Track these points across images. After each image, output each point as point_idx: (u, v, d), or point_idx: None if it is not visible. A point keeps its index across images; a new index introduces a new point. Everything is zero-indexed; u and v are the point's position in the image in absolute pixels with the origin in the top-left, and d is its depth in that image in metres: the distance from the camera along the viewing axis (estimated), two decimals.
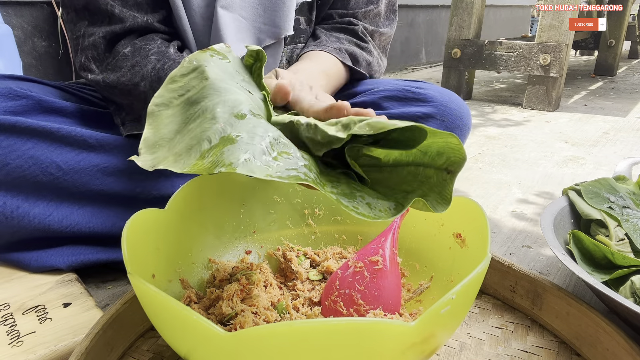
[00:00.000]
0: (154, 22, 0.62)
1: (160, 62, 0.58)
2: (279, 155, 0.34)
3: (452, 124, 0.70)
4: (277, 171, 0.32)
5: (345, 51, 0.72)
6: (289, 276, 0.53)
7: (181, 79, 0.39)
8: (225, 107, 0.35)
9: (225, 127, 0.33)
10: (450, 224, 0.50)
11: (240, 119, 0.35)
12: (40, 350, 0.45)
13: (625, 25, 2.76)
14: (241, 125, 0.34)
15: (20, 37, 1.45)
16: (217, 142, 0.33)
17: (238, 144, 0.32)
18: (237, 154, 0.32)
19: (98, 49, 0.60)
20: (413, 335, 0.32)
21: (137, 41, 0.60)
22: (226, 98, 0.36)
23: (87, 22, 0.60)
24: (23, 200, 0.56)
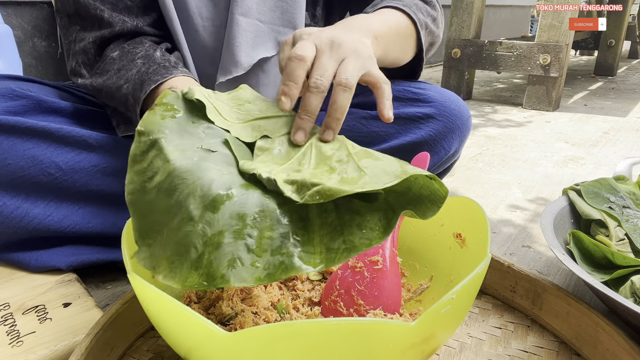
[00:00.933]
0: (144, 26, 0.62)
1: (145, 65, 0.57)
2: (262, 241, 0.35)
3: (452, 124, 0.70)
4: (265, 268, 0.34)
5: (412, 5, 0.62)
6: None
7: (143, 158, 0.38)
8: (196, 199, 0.35)
9: (204, 228, 0.34)
10: (450, 224, 0.50)
11: (215, 211, 0.34)
12: (40, 350, 0.45)
13: (625, 25, 2.76)
14: (218, 220, 0.34)
15: (20, 37, 1.45)
16: (203, 250, 0.34)
17: (222, 249, 0.34)
18: (224, 263, 0.33)
19: (88, 54, 0.60)
20: (413, 335, 0.32)
21: (125, 45, 0.60)
22: (195, 186, 0.35)
23: (79, 27, 0.60)
24: (23, 200, 0.56)
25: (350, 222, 0.37)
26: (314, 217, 0.37)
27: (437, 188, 0.39)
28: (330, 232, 0.36)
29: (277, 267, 0.34)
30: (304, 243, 0.36)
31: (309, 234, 0.36)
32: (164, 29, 0.65)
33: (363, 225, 0.36)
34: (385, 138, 0.69)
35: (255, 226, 0.35)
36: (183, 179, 0.36)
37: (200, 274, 0.33)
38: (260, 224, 0.35)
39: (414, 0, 0.66)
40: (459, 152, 0.77)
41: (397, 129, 0.69)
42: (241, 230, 0.34)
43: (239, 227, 0.34)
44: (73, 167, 0.58)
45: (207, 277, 0.33)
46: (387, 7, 0.62)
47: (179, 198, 0.35)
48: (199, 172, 0.36)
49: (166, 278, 0.34)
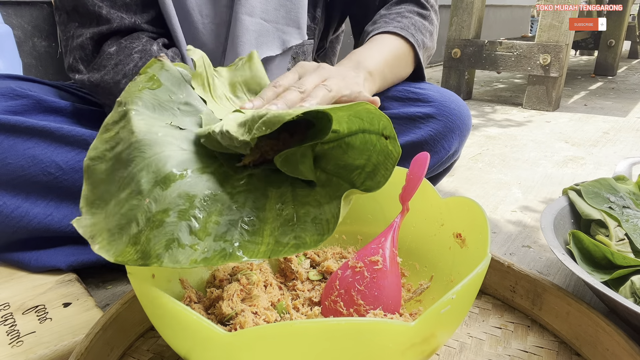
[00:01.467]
0: (142, 23, 0.62)
1: (142, 60, 0.58)
2: (208, 224, 0.34)
3: (452, 124, 0.70)
4: (204, 252, 0.33)
5: (410, 27, 0.66)
6: (289, 276, 0.53)
7: (113, 128, 0.37)
8: (149, 174, 0.34)
9: (150, 204, 0.33)
10: (450, 224, 0.50)
11: (165, 188, 0.34)
12: (40, 350, 0.45)
13: (625, 25, 2.76)
14: (166, 197, 0.34)
15: (20, 37, 1.45)
16: (144, 226, 0.33)
17: (163, 227, 0.33)
18: (162, 242, 0.33)
19: (86, 50, 0.61)
20: (413, 335, 0.32)
21: (122, 40, 0.60)
22: (150, 160, 0.35)
23: (77, 24, 0.61)
24: (23, 199, 0.56)
25: (305, 217, 0.37)
26: (270, 208, 0.37)
27: (391, 150, 0.39)
28: (283, 225, 0.36)
29: (218, 252, 0.34)
30: (253, 233, 0.35)
31: (260, 224, 0.36)
32: (162, 26, 0.65)
33: (318, 219, 0.37)
34: None
35: (204, 209, 0.35)
36: (141, 152, 0.35)
37: (137, 250, 0.33)
38: (210, 207, 0.35)
39: (412, 18, 0.68)
40: (459, 152, 0.77)
41: (397, 128, 0.69)
42: (187, 210, 0.34)
43: (185, 207, 0.34)
44: (73, 167, 0.58)
45: (142, 254, 0.33)
46: (385, 32, 0.65)
47: (133, 170, 0.34)
48: (158, 147, 0.35)
49: (101, 250, 0.33)
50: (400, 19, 0.67)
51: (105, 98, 0.61)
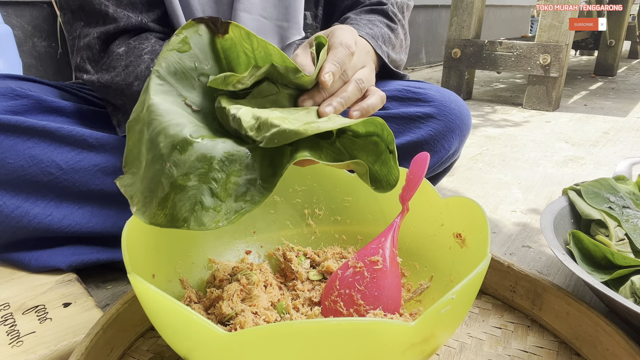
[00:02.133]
0: (148, 22, 0.62)
1: (153, 61, 0.58)
2: (228, 186, 0.35)
3: (452, 124, 0.70)
4: (226, 213, 0.35)
5: (378, 37, 0.67)
6: (289, 276, 0.53)
7: (144, 91, 0.38)
8: (166, 138, 0.35)
9: (171, 168, 0.34)
10: (450, 224, 0.50)
11: (183, 152, 0.35)
12: (40, 350, 0.45)
13: (625, 25, 2.76)
14: (185, 162, 0.35)
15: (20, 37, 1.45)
16: (169, 190, 0.34)
17: (186, 192, 0.34)
18: (186, 205, 0.34)
19: (93, 50, 0.60)
20: (413, 335, 0.32)
21: (131, 41, 0.60)
22: (167, 125, 0.35)
23: (83, 23, 0.60)
24: (23, 199, 0.56)
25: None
26: (287, 165, 0.37)
27: (392, 165, 0.40)
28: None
29: (239, 212, 0.35)
30: (271, 190, 0.36)
31: (277, 181, 0.37)
32: (168, 25, 0.65)
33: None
34: None
35: (222, 169, 0.35)
36: (158, 114, 0.36)
37: (165, 214, 0.34)
38: (228, 167, 0.36)
39: (382, 28, 0.69)
40: (459, 152, 0.77)
41: (397, 128, 0.69)
42: (207, 173, 0.35)
43: (205, 170, 0.35)
44: (73, 167, 0.58)
45: (170, 217, 0.34)
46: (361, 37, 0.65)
47: (152, 133, 0.35)
48: (173, 115, 0.36)
49: (138, 212, 0.35)
50: (371, 26, 0.68)
51: (117, 99, 0.61)
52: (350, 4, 0.75)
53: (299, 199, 0.59)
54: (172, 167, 0.34)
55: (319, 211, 0.60)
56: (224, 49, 0.41)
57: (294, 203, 0.59)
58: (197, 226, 0.34)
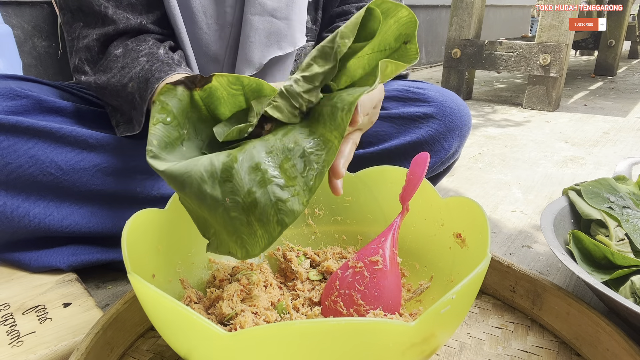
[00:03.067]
0: (148, 24, 0.62)
1: (149, 63, 0.57)
2: (287, 172, 0.37)
3: (452, 124, 0.70)
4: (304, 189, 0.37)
5: None
6: (289, 276, 0.53)
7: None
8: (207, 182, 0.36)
9: (232, 199, 0.36)
10: (450, 224, 0.50)
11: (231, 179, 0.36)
12: (40, 350, 0.45)
13: (625, 25, 2.76)
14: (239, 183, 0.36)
15: (20, 37, 1.45)
16: (245, 216, 0.36)
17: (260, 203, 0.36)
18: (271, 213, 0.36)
19: (92, 51, 0.60)
20: (413, 335, 0.32)
21: (129, 42, 0.60)
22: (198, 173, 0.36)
23: (82, 24, 0.60)
24: (23, 200, 0.56)
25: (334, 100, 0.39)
26: (317, 120, 0.39)
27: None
28: (329, 115, 0.38)
29: (314, 179, 0.36)
30: (324, 148, 0.37)
31: (323, 136, 0.38)
32: (167, 27, 0.65)
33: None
34: (386, 138, 0.69)
35: (273, 165, 0.36)
36: (180, 174, 0.36)
37: (261, 235, 0.36)
38: (276, 160, 0.37)
39: None
40: (459, 152, 0.77)
41: (397, 128, 0.69)
42: (264, 177, 0.36)
43: (260, 176, 0.36)
44: (73, 167, 0.58)
45: (268, 233, 0.36)
46: None
47: (193, 190, 0.36)
48: (189, 164, 0.37)
49: (247, 257, 0.37)
50: None
51: (113, 100, 0.61)
52: (340, 12, 0.76)
53: None
54: (232, 197, 0.35)
55: (319, 211, 0.60)
56: (203, 97, 0.42)
57: None
58: (292, 217, 0.35)
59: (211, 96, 0.42)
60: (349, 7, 0.75)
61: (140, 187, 0.62)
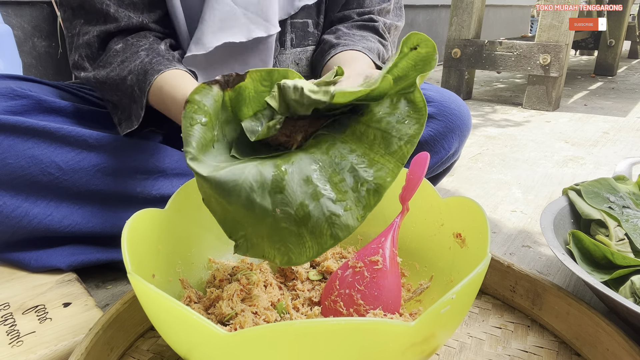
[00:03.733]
0: (149, 23, 0.62)
1: (148, 56, 0.57)
2: (338, 186, 0.37)
3: (452, 124, 0.70)
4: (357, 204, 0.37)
5: (374, 50, 0.70)
6: (289, 276, 0.53)
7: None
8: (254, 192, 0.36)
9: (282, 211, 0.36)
10: (450, 224, 0.50)
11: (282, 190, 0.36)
12: (40, 350, 0.45)
13: (625, 25, 2.76)
14: (291, 195, 0.36)
15: (20, 37, 1.45)
16: (296, 227, 0.37)
17: (313, 216, 0.36)
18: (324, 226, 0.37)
19: (92, 48, 0.60)
20: (413, 335, 0.32)
21: (129, 38, 0.60)
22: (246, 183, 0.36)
23: (83, 21, 0.60)
24: (23, 199, 0.56)
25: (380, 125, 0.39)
26: (358, 139, 0.38)
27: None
28: (379, 139, 0.38)
29: (368, 196, 0.36)
30: (372, 164, 0.38)
31: (367, 155, 0.38)
32: (169, 27, 0.65)
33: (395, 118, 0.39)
34: None
35: (324, 179, 0.37)
36: (226, 182, 0.36)
37: (310, 247, 0.36)
38: (325, 174, 0.37)
39: (375, 43, 0.71)
40: (459, 152, 0.77)
41: None
42: (315, 190, 0.36)
43: (313, 190, 0.36)
44: (73, 167, 0.58)
45: (319, 246, 0.36)
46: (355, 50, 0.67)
47: (241, 199, 0.36)
48: (236, 171, 0.37)
49: (289, 263, 0.37)
50: (365, 41, 0.70)
51: (113, 95, 0.61)
52: (340, 17, 0.75)
53: None
54: (283, 209, 0.36)
55: None
56: (232, 98, 0.42)
57: None
58: (347, 232, 0.36)
59: (238, 96, 0.42)
60: (349, 12, 0.75)
61: (140, 187, 0.62)
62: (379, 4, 0.76)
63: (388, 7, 0.77)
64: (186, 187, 0.50)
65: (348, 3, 0.75)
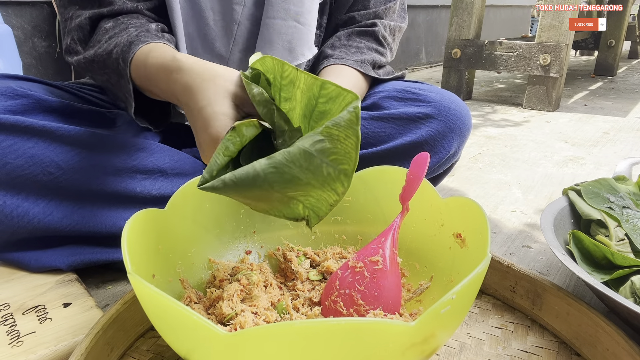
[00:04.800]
0: (144, 9, 0.62)
1: (137, 31, 0.56)
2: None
3: (452, 124, 0.70)
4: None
5: (367, 62, 0.71)
6: (289, 276, 0.53)
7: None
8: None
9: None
10: (450, 224, 0.50)
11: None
12: (40, 350, 0.45)
13: (625, 25, 2.76)
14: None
15: (20, 37, 1.45)
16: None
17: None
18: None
19: (84, 30, 0.60)
20: (413, 335, 0.32)
21: (120, 17, 0.60)
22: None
23: (78, 6, 0.60)
24: (23, 199, 0.56)
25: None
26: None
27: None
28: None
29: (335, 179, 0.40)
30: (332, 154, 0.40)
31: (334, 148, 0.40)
32: (164, 17, 0.64)
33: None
34: (385, 139, 0.69)
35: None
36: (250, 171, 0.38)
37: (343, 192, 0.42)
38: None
39: (371, 54, 0.72)
40: (459, 153, 0.77)
41: (397, 129, 0.69)
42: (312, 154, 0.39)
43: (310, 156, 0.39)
44: (73, 167, 0.58)
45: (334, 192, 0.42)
46: (346, 65, 0.68)
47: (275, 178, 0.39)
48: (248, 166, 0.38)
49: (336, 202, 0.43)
50: (359, 54, 0.71)
51: (102, 74, 0.60)
52: (345, 19, 0.76)
53: None
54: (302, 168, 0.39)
55: None
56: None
57: None
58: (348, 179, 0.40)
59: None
60: (354, 15, 0.75)
61: (140, 187, 0.62)
62: (384, 4, 0.76)
63: (394, 6, 0.77)
64: (186, 187, 0.50)
65: (353, 4, 0.75)
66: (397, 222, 0.48)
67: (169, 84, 0.50)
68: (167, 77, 0.50)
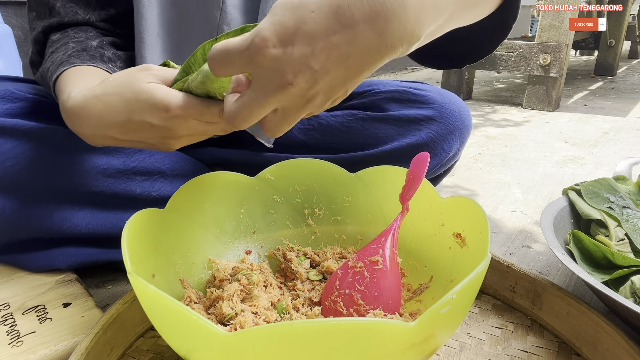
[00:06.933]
0: (97, 21, 0.60)
1: (74, 49, 0.54)
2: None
3: (453, 126, 0.70)
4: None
5: None
6: (289, 276, 0.53)
7: None
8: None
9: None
10: (450, 224, 0.50)
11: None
12: (40, 350, 0.45)
13: (625, 25, 2.76)
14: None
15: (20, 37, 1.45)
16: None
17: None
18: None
19: (39, 44, 0.59)
20: (413, 335, 0.32)
21: (69, 30, 0.58)
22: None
23: (35, 14, 0.59)
24: (23, 202, 0.56)
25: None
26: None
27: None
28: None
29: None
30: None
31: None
32: (121, 27, 0.62)
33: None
34: (385, 140, 0.69)
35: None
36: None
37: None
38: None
39: None
40: (459, 154, 0.77)
41: (397, 130, 0.69)
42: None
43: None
44: (73, 169, 0.57)
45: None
46: None
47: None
48: None
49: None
50: None
51: (49, 90, 0.56)
52: None
53: (299, 199, 0.59)
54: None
55: (319, 211, 0.60)
56: None
57: (294, 203, 0.59)
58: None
59: None
60: None
61: (140, 189, 0.62)
62: None
63: None
64: (186, 187, 0.50)
65: None
66: (397, 222, 0.48)
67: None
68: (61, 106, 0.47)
